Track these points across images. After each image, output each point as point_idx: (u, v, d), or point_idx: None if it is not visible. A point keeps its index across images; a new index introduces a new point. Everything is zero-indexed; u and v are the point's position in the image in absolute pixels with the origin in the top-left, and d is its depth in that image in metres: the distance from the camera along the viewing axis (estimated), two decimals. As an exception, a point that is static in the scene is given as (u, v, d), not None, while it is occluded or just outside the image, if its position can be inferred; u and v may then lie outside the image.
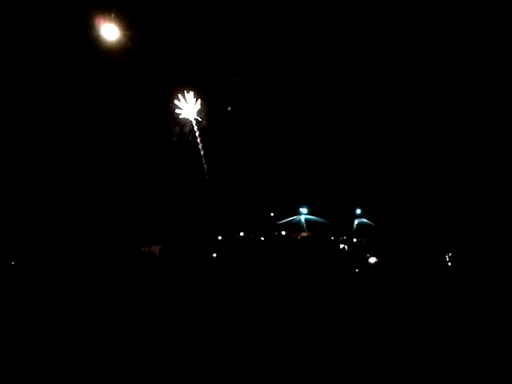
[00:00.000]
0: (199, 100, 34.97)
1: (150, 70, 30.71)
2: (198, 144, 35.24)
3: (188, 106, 33.74)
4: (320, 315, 12.30)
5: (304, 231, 42.39)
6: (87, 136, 28.10)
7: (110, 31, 20.56)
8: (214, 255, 25.62)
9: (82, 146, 27.85)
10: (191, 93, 33.87)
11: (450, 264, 29.39)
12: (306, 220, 43.14)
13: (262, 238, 38.97)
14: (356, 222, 43.54)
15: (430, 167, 39.03)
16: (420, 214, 37.61)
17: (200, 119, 34.25)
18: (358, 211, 43.84)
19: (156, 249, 23.18)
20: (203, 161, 35.39)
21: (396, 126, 39.04)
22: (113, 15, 21.41)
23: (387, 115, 38.96)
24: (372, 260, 26.36)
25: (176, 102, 33.23)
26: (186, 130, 35.07)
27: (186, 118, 34.17)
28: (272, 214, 42.74)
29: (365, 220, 43.78)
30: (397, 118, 38.76)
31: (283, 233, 42.25)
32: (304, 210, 43.46)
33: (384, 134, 39.74)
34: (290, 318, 11.66)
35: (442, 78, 36.54)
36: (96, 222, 25.01)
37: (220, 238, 33.36)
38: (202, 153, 35.37)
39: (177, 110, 33.46)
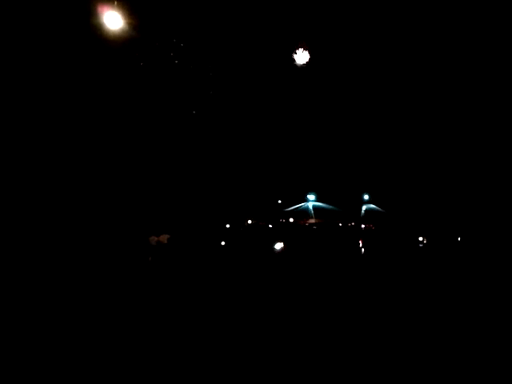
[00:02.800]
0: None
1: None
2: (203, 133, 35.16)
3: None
4: (328, 303, 12.25)
5: (312, 218, 42.43)
6: (93, 125, 28.11)
7: (112, 19, 20.38)
8: (223, 243, 25.68)
9: (90, 134, 27.89)
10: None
11: (460, 249, 29.24)
12: (314, 207, 43.16)
13: (270, 226, 39.06)
14: (364, 207, 43.44)
15: (436, 153, 38.71)
16: (427, 200, 37.44)
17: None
18: (366, 197, 43.71)
19: (165, 238, 23.24)
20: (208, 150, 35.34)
21: (403, 112, 38.65)
22: (116, 3, 21.20)
23: (394, 102, 38.56)
24: (278, 246, 25.02)
25: None
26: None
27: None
28: (280, 201, 42.75)
29: (373, 206, 43.66)
30: (404, 104, 38.36)
31: (291, 220, 42.30)
32: (312, 197, 43.43)
33: (391, 120, 39.39)
34: (299, 307, 11.62)
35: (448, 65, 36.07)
36: (103, 210, 25.13)
37: (228, 226, 33.44)
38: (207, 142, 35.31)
39: None
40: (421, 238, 31.61)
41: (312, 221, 42.33)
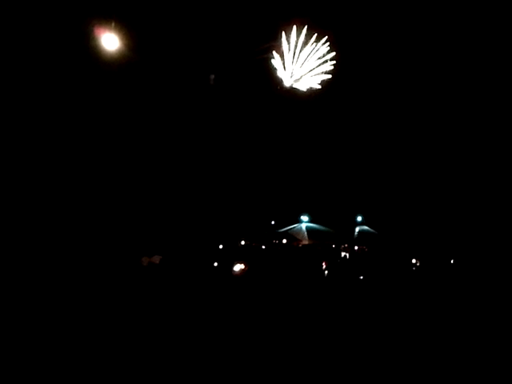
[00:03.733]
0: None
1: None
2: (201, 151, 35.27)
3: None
4: (321, 323, 12.17)
5: (305, 239, 42.18)
6: (87, 143, 28.15)
7: (110, 41, 20.67)
8: (216, 264, 25.43)
9: (81, 155, 27.87)
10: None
11: (453, 269, 29.25)
12: (307, 228, 42.96)
13: (264, 247, 38.79)
14: (357, 229, 43.39)
15: (430, 176, 39.08)
16: (420, 222, 37.58)
17: None
18: (359, 219, 43.74)
19: (157, 259, 23.00)
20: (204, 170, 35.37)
21: (395, 136, 39.16)
22: (113, 25, 21.55)
23: (387, 126, 39.08)
24: (237, 268, 24.02)
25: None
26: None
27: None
28: (273, 222, 42.60)
29: (366, 227, 43.65)
30: (396, 128, 38.89)
31: (284, 241, 42.05)
32: (305, 218, 43.31)
33: (384, 144, 39.84)
34: (292, 327, 11.53)
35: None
36: (97, 230, 24.91)
37: (221, 246, 33.20)
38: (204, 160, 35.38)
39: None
40: (414, 261, 31.52)
41: (305, 242, 42.09)
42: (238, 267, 23.55)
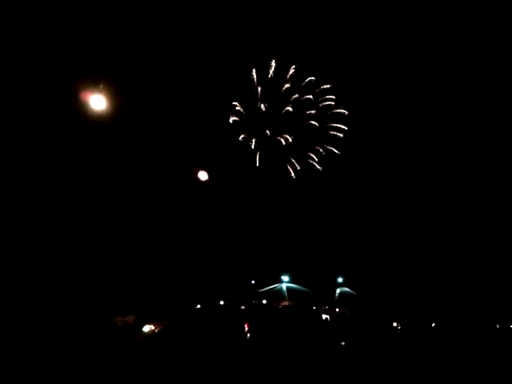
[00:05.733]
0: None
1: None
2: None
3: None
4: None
5: (286, 300, 41.54)
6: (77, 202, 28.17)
7: (98, 101, 21.20)
8: (192, 325, 24.71)
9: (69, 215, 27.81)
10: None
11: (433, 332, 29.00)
12: (288, 288, 42.46)
13: (243, 307, 37.99)
14: (338, 290, 43.12)
15: (411, 238, 39.64)
16: (401, 284, 37.59)
17: None
18: (340, 280, 43.60)
19: (131, 318, 22.27)
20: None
21: (375, 199, 40.08)
22: (101, 86, 22.17)
23: (365, 188, 40.10)
24: (146, 329, 22.19)
25: None
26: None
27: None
28: (253, 282, 42.09)
29: (347, 289, 43.40)
30: (374, 189, 39.90)
31: (264, 301, 41.31)
32: (286, 278, 42.93)
33: (365, 206, 40.67)
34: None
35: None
36: (72, 289, 24.26)
37: (199, 306, 32.46)
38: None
39: None
40: (395, 324, 31.21)
41: (286, 303, 41.43)
42: (148, 328, 21.82)
